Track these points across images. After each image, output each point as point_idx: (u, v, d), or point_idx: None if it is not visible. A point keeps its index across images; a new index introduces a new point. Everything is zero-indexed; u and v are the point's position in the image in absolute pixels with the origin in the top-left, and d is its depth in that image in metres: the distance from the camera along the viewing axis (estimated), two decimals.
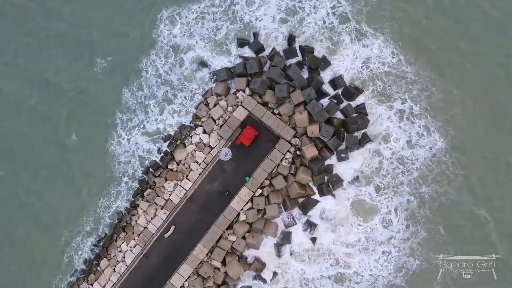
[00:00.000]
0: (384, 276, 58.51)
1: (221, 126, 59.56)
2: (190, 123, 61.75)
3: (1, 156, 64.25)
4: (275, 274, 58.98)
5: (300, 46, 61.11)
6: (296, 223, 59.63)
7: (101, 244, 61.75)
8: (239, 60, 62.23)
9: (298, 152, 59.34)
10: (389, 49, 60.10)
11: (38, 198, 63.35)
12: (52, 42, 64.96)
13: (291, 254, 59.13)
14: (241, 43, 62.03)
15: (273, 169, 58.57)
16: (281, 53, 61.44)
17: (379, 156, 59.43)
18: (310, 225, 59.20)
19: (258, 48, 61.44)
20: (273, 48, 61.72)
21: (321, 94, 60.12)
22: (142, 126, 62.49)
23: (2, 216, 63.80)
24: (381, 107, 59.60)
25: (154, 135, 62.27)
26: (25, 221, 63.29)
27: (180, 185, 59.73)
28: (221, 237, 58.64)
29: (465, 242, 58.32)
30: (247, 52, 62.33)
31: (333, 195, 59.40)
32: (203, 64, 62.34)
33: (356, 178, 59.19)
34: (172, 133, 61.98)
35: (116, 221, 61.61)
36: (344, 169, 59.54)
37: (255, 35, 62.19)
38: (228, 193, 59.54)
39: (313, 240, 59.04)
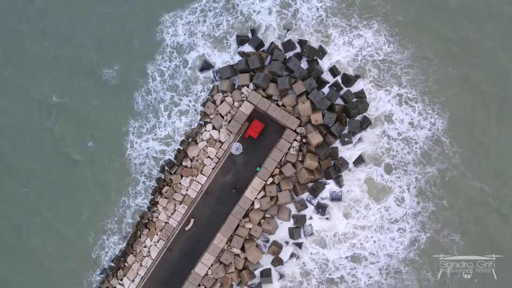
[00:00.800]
0: (399, 252, 61.92)
1: (229, 122, 62.77)
2: (199, 120, 65.01)
3: (23, 175, 67.57)
4: (293, 255, 62.74)
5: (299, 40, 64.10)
6: (307, 207, 63.20)
7: (126, 241, 65.64)
8: (239, 57, 64.98)
9: (304, 140, 62.60)
10: (383, 37, 62.68)
11: (60, 206, 66.99)
12: (58, 62, 67.65)
13: (309, 234, 62.68)
14: (241, 40, 64.86)
15: (282, 158, 61.94)
16: (280, 47, 64.37)
17: (387, 137, 62.40)
18: (321, 208, 62.70)
19: (258, 44, 64.28)
20: (272, 43, 64.58)
21: (321, 82, 63.10)
22: (153, 132, 65.48)
23: (32, 227, 67.66)
24: (380, 91, 62.47)
25: (165, 139, 65.45)
26: (52, 228, 67.06)
27: (195, 180, 63.30)
28: (238, 225, 62.27)
29: (469, 216, 61.41)
30: (247, 48, 64.98)
31: (340, 176, 62.73)
32: (206, 64, 65.11)
33: (361, 160, 62.37)
34: (181, 138, 65.44)
35: (138, 219, 65.38)
36: (353, 152, 62.74)
37: (253, 31, 65.02)
38: (235, 190, 62.95)
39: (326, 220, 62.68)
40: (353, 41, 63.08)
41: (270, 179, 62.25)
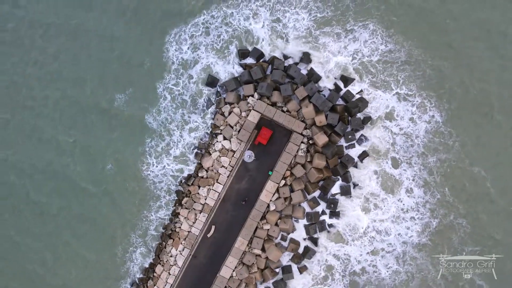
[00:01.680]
0: (414, 239, 65.19)
1: (239, 131, 66.55)
2: (210, 133, 68.77)
3: (48, 210, 71.59)
4: (312, 251, 66.28)
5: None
6: (320, 204, 66.72)
7: (153, 253, 69.47)
8: (241, 67, 68.54)
9: (310, 141, 66.16)
10: (379, 37, 65.86)
11: (86, 233, 71.17)
12: (71, 99, 71.71)
13: (326, 231, 66.21)
14: (242, 53, 68.62)
15: (291, 160, 65.61)
16: (279, 56, 67.84)
17: (390, 132, 65.65)
18: (333, 203, 66.14)
19: (258, 55, 68.04)
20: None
21: (322, 86, 66.80)
22: (168, 151, 69.16)
23: (62, 257, 71.88)
24: (379, 90, 65.75)
25: (181, 157, 69.13)
26: (80, 254, 71.19)
27: (212, 189, 67.11)
28: (257, 227, 66.02)
29: (469, 199, 64.44)
30: (248, 60, 68.53)
31: (347, 172, 66.11)
32: (212, 79, 68.61)
33: (366, 154, 65.83)
34: (194, 155, 69.24)
35: (162, 230, 69.24)
36: (359, 149, 66.23)
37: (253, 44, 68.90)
38: (244, 202, 66.75)
39: (337, 214, 66.13)
40: (349, 44, 66.38)
41: (283, 181, 65.98)
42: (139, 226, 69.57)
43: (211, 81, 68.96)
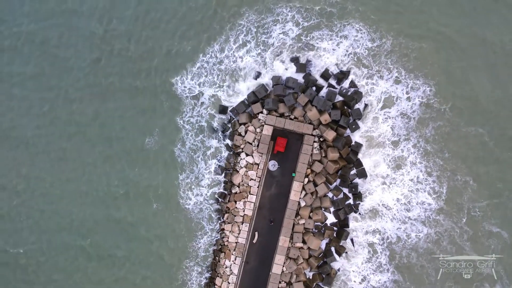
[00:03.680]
0: (432, 206, 72.71)
1: (257, 145, 75.02)
2: (233, 153, 77.57)
3: (112, 260, 79.35)
4: (346, 233, 74.41)
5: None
6: (342, 190, 75.09)
7: (209, 268, 77.69)
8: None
9: (321, 139, 74.60)
10: (365, 34, 73.92)
11: (150, 270, 78.54)
12: (111, 157, 79.15)
13: (352, 211, 74.32)
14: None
15: (309, 159, 74.03)
16: (277, 74, 76.15)
17: (388, 115, 73.65)
18: (354, 187, 74.57)
19: (256, 76, 76.74)
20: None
21: (319, 88, 75.51)
22: (199, 182, 77.08)
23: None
24: (373, 79, 73.72)
25: (212, 183, 76.99)
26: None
27: (247, 201, 75.79)
28: (294, 224, 74.46)
29: (469, 157, 71.49)
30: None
31: (358, 160, 74.43)
32: (222, 108, 76.90)
33: (370, 139, 74.26)
34: (223, 176, 77.46)
35: (214, 247, 77.85)
36: (363, 135, 74.45)
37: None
38: (272, 223, 75.23)
39: (360, 196, 74.40)
40: (340, 42, 74.22)
41: (306, 179, 74.32)
42: (191, 252, 77.03)
43: (222, 109, 77.35)
